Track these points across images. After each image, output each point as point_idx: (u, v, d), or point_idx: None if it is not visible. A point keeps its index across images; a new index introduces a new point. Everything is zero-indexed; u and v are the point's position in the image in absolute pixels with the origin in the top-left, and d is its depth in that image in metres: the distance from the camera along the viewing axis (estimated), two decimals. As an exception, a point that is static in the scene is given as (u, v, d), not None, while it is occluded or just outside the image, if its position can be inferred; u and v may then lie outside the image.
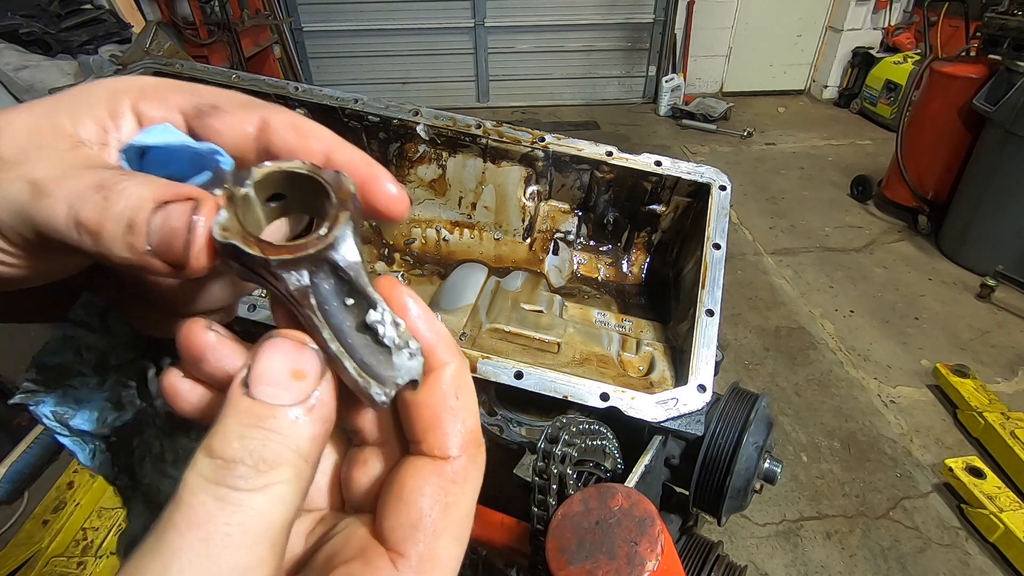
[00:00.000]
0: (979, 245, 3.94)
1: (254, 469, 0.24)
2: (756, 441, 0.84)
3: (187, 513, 0.23)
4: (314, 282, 0.27)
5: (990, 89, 3.75)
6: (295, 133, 0.32)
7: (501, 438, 0.88)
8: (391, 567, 0.27)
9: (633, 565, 0.57)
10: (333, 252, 0.27)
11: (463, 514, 0.28)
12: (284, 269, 0.26)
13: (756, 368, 3.23)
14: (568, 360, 1.00)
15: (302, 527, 0.32)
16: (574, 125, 6.72)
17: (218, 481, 0.23)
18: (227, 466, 0.24)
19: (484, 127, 1.11)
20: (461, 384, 0.30)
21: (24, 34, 3.40)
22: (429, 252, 1.26)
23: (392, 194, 0.32)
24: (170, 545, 0.22)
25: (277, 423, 0.25)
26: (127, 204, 0.27)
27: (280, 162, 0.29)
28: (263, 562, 0.23)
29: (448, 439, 0.29)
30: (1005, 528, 2.25)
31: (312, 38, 6.81)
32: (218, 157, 0.31)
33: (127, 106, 0.32)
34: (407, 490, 0.28)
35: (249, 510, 0.23)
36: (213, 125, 0.32)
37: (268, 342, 0.26)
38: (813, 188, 5.18)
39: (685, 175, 1.07)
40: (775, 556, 2.33)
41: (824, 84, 7.15)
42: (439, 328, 0.30)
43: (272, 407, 0.25)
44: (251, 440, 0.24)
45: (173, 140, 0.31)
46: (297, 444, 0.25)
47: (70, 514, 2.11)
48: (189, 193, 0.28)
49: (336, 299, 0.28)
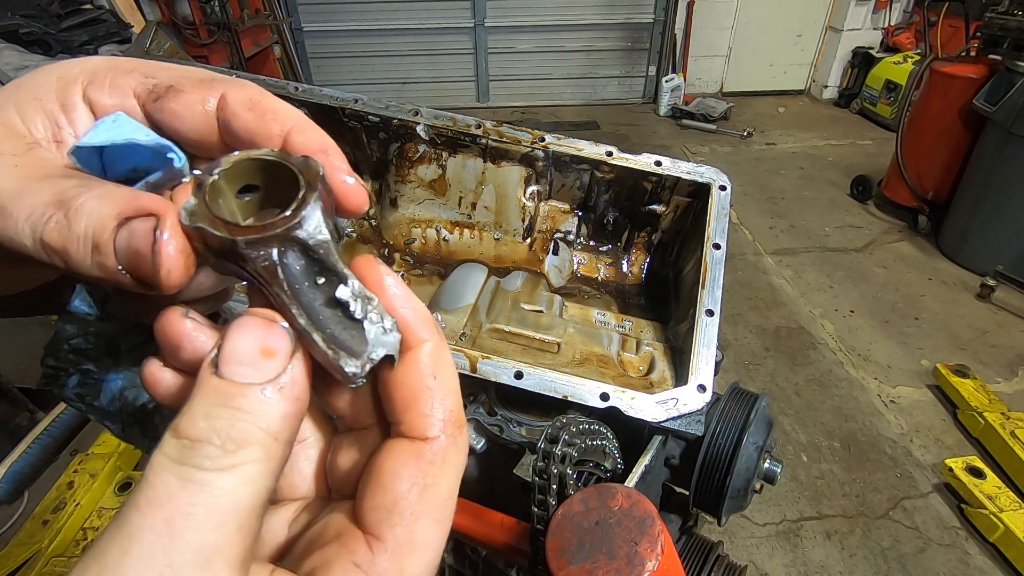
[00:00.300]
0: (979, 245, 3.94)
1: (221, 449, 0.23)
2: (756, 441, 0.84)
3: (150, 493, 0.22)
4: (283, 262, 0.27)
5: (990, 89, 3.75)
6: (254, 114, 0.30)
7: (501, 438, 0.88)
8: (367, 550, 0.26)
9: (633, 565, 0.57)
10: (300, 230, 0.27)
11: (443, 496, 0.28)
12: (252, 249, 0.26)
13: (756, 368, 3.22)
14: (568, 360, 1.00)
15: (287, 515, 0.31)
16: (574, 125, 6.72)
17: (183, 461, 0.23)
18: (193, 446, 0.23)
19: (484, 127, 1.11)
20: (439, 363, 0.29)
21: (24, 34, 3.40)
22: (429, 252, 1.26)
23: (347, 184, 0.30)
24: (131, 526, 0.21)
25: (246, 402, 0.24)
26: (88, 223, 0.26)
27: (249, 151, 0.28)
28: (230, 543, 0.22)
29: (426, 419, 0.28)
30: (1005, 528, 2.25)
31: (312, 38, 6.81)
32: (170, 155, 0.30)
33: (78, 95, 0.31)
34: (384, 472, 0.27)
35: (214, 490, 0.22)
36: (170, 107, 0.31)
37: (237, 321, 0.26)
38: (813, 188, 5.18)
39: (685, 175, 1.07)
40: (775, 556, 2.33)
41: (824, 84, 7.15)
42: (416, 305, 0.29)
43: (241, 385, 0.24)
44: (218, 419, 0.23)
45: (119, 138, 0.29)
46: (267, 423, 0.24)
47: (70, 514, 2.11)
48: (150, 207, 0.27)
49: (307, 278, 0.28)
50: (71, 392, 0.78)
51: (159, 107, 0.31)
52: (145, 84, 0.31)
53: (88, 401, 0.79)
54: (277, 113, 0.31)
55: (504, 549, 0.78)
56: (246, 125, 0.30)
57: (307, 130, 0.31)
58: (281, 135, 0.30)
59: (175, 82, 0.31)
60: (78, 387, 0.78)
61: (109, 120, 0.30)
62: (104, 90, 0.31)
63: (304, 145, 0.30)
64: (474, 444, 0.91)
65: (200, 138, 0.31)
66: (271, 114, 0.31)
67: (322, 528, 0.29)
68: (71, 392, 0.78)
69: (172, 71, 0.32)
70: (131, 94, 0.31)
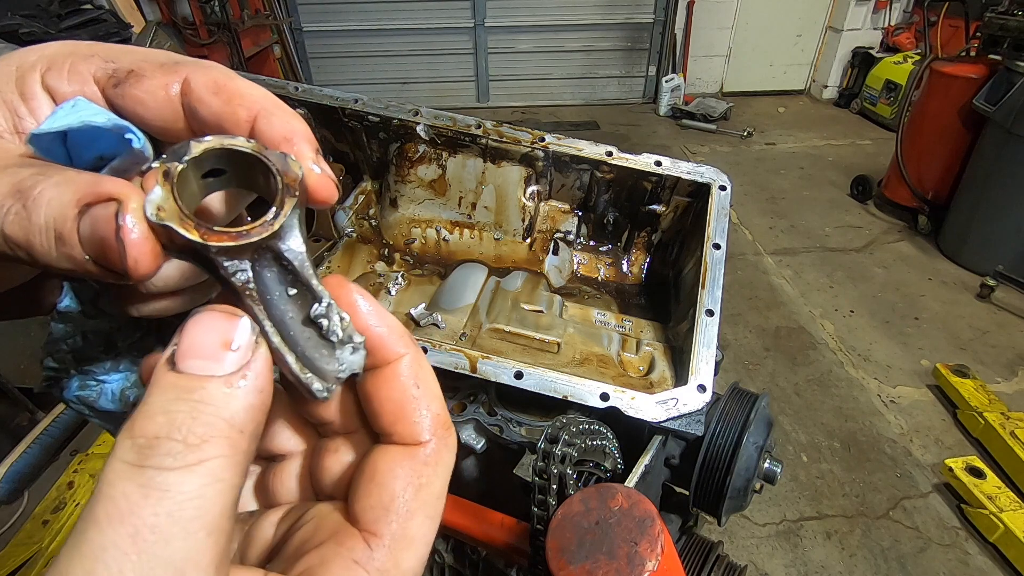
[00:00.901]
0: (979, 245, 3.94)
1: (183, 443, 0.21)
2: (756, 441, 0.84)
3: (109, 507, 0.20)
4: (256, 271, 0.26)
5: (990, 89, 3.75)
6: (220, 99, 0.29)
7: (501, 438, 0.88)
8: (364, 546, 0.26)
9: (633, 565, 0.57)
10: (279, 241, 0.26)
11: (435, 494, 0.28)
12: (225, 256, 0.25)
13: (756, 368, 3.22)
14: (568, 360, 1.00)
15: (274, 517, 0.32)
16: (574, 125, 6.72)
17: (142, 463, 0.21)
18: (152, 444, 0.21)
19: (484, 127, 1.11)
20: (419, 372, 0.29)
21: (24, 34, 3.40)
22: (429, 252, 1.26)
23: (313, 174, 0.29)
24: (91, 544, 0.20)
25: (207, 394, 0.23)
26: (49, 212, 0.25)
27: (223, 138, 0.27)
28: (202, 551, 0.21)
29: (416, 427, 0.28)
30: (1005, 528, 2.25)
31: (312, 38, 6.81)
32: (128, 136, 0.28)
33: (37, 84, 0.30)
34: (380, 473, 0.28)
35: (178, 495, 0.21)
36: (132, 93, 0.29)
37: (195, 316, 0.25)
38: (813, 188, 5.18)
39: (685, 175, 1.07)
40: (775, 556, 2.33)
41: (824, 84, 7.15)
42: (390, 321, 0.29)
43: (201, 378, 0.23)
44: (178, 414, 0.22)
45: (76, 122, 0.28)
46: (231, 414, 0.23)
47: (70, 514, 2.11)
48: (111, 192, 0.25)
49: (278, 288, 0.27)
50: (72, 395, 0.78)
51: (120, 92, 0.29)
52: (105, 69, 0.30)
53: (90, 403, 0.79)
54: (244, 97, 0.29)
55: (504, 549, 0.78)
56: (212, 110, 0.29)
57: (275, 114, 0.29)
58: (249, 120, 0.29)
59: (136, 66, 0.30)
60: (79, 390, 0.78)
61: (68, 105, 0.29)
62: (63, 77, 0.30)
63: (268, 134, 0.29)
64: (474, 444, 0.91)
65: (165, 124, 0.30)
66: (238, 98, 0.29)
67: (314, 528, 0.29)
68: (72, 395, 0.78)
69: (134, 54, 0.31)
70: (91, 80, 0.30)
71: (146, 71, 0.29)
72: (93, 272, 0.26)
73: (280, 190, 0.26)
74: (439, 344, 0.87)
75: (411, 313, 1.07)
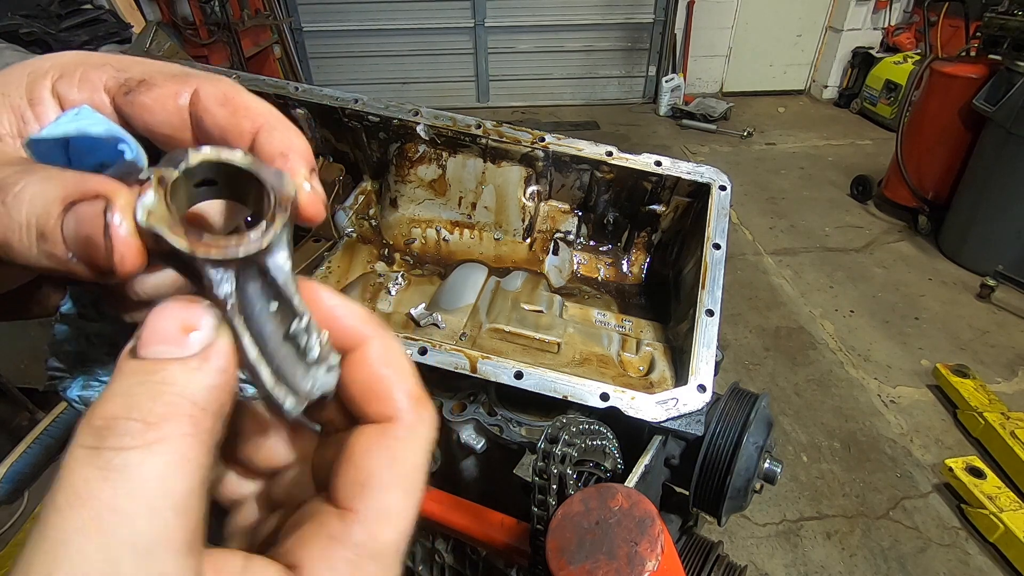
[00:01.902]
0: (979, 245, 3.93)
1: (142, 423, 0.21)
2: (756, 441, 0.84)
3: (68, 492, 0.20)
4: (240, 283, 0.26)
5: (990, 89, 3.75)
6: (226, 110, 0.30)
7: (501, 438, 0.88)
8: (341, 523, 0.26)
9: (633, 565, 0.57)
10: (266, 256, 0.26)
11: (411, 467, 0.28)
12: (211, 266, 0.25)
13: (756, 368, 3.22)
14: (568, 360, 1.00)
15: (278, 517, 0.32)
16: (574, 125, 6.72)
17: (100, 445, 0.21)
18: (108, 425, 0.21)
19: (484, 127, 1.11)
20: (387, 354, 0.30)
21: (24, 34, 3.40)
22: (429, 252, 1.26)
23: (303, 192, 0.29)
24: (55, 531, 0.19)
25: (168, 375, 0.23)
26: (31, 209, 0.25)
27: (220, 150, 0.27)
28: (170, 530, 0.21)
29: (387, 403, 0.29)
30: (1005, 528, 2.25)
31: (312, 38, 6.81)
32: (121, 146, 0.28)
33: (47, 90, 0.30)
34: (355, 453, 0.28)
35: (137, 475, 0.20)
36: (141, 101, 0.30)
37: (156, 307, 0.24)
38: (813, 188, 5.18)
39: (685, 175, 1.07)
40: (775, 556, 2.33)
41: (824, 84, 7.15)
42: (355, 308, 0.30)
43: (161, 361, 0.23)
44: (137, 396, 0.22)
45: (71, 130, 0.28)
46: (193, 393, 0.23)
47: (70, 514, 2.11)
48: (98, 189, 0.25)
49: (260, 302, 0.27)
50: (75, 395, 0.78)
51: (129, 101, 0.30)
52: (116, 78, 0.30)
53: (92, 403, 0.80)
54: (249, 109, 0.30)
55: (504, 549, 0.78)
56: (218, 121, 0.30)
57: (276, 129, 0.30)
58: (252, 132, 0.30)
59: (147, 76, 0.30)
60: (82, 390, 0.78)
61: (72, 113, 0.29)
62: (74, 84, 0.30)
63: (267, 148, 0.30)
64: (474, 444, 0.91)
65: (172, 132, 0.30)
66: (243, 110, 0.30)
67: (299, 513, 0.29)
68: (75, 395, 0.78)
69: (145, 66, 0.31)
70: (101, 88, 0.30)
71: (157, 81, 0.30)
72: (74, 271, 0.25)
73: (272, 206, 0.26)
74: (439, 344, 0.87)
75: (411, 313, 1.07)
